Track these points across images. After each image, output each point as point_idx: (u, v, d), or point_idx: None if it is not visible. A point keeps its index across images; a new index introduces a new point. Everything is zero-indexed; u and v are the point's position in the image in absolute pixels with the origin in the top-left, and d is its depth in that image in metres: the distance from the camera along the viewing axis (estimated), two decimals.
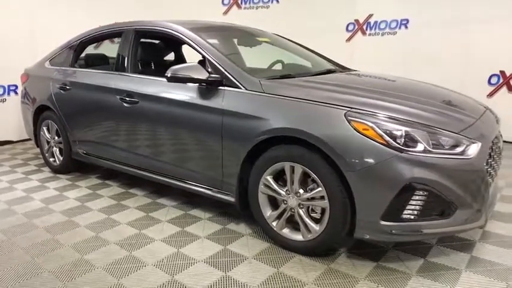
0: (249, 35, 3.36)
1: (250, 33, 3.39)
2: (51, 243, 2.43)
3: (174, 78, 2.41)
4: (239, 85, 2.36)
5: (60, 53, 3.72)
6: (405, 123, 1.93)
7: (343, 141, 1.94)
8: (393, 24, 5.58)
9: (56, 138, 3.71)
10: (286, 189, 2.22)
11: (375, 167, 1.88)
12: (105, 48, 4.36)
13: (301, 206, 2.18)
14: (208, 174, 2.55)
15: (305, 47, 3.56)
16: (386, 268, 2.09)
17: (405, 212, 1.91)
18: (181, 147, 2.65)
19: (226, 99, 2.37)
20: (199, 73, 2.41)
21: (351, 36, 5.88)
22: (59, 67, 3.64)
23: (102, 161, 3.33)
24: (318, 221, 2.14)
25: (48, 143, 3.82)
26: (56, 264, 2.18)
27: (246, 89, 2.33)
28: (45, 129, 3.80)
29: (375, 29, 5.73)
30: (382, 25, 5.66)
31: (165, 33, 2.86)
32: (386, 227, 1.93)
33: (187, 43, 2.70)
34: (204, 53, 2.56)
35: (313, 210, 2.17)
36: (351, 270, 2.07)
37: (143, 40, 3.41)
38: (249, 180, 2.35)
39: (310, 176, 2.10)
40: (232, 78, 2.39)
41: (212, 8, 6.23)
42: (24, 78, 4.04)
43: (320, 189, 2.06)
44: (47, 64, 3.80)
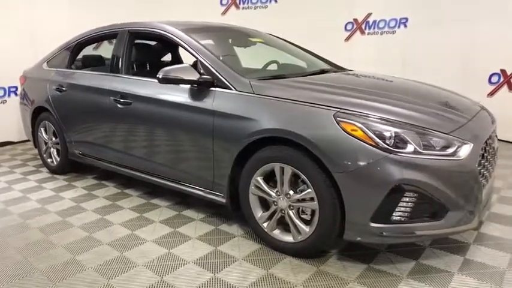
0: (243, 36, 3.35)
1: (244, 33, 3.38)
2: (44, 244, 2.44)
3: (165, 80, 2.41)
4: (230, 86, 2.35)
5: (58, 54, 3.74)
6: (395, 124, 1.91)
7: (332, 142, 1.93)
8: (392, 23, 5.54)
9: (53, 139, 3.73)
10: (276, 190, 2.21)
11: (363, 169, 1.86)
12: (104, 50, 4.38)
13: (291, 207, 2.17)
14: (200, 175, 2.54)
15: (300, 47, 3.54)
16: (377, 270, 2.07)
17: (395, 213, 1.89)
18: (174, 148, 2.65)
19: (217, 100, 2.36)
20: (190, 74, 2.40)
21: (349, 36, 5.85)
22: (56, 68, 3.66)
23: (97, 161, 3.34)
24: (308, 223, 2.13)
25: (45, 143, 3.84)
26: (47, 265, 2.19)
27: (236, 90, 2.33)
28: (42, 130, 3.82)
29: (374, 28, 5.69)
30: (381, 24, 5.62)
31: (158, 34, 2.86)
32: (376, 229, 1.91)
33: (179, 44, 2.70)
34: (195, 54, 2.56)
35: (303, 211, 2.16)
36: (340, 272, 2.05)
37: (138, 41, 3.43)
38: (239, 182, 2.34)
39: (300, 177, 2.09)
40: (222, 79, 2.39)
41: (210, 8, 6.22)
42: (22, 79, 4.07)
43: (309, 191, 2.05)
44: (45, 66, 3.82)
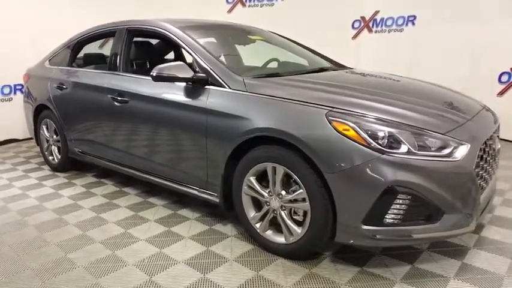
0: (242, 33, 3.31)
1: (243, 31, 3.34)
2: (38, 241, 2.44)
3: (159, 78, 2.38)
4: (223, 84, 2.32)
5: (59, 52, 3.76)
6: (389, 124, 1.85)
7: (323, 142, 1.88)
8: (400, 21, 5.43)
9: (54, 137, 3.75)
10: (268, 190, 2.17)
11: (355, 169, 1.80)
12: (109, 48, 4.38)
13: (284, 208, 2.12)
14: (195, 174, 2.51)
15: (301, 45, 3.49)
16: (371, 274, 2.01)
17: (388, 216, 1.83)
18: (169, 147, 2.62)
19: (211, 98, 2.33)
20: (184, 72, 2.37)
21: (356, 34, 5.75)
22: (57, 66, 3.68)
23: (96, 159, 3.34)
24: (300, 224, 2.08)
25: (47, 141, 3.87)
26: (39, 262, 2.19)
27: (230, 88, 2.29)
28: (44, 128, 3.85)
29: (382, 26, 5.59)
30: (389, 22, 5.52)
31: (154, 31, 2.84)
32: (369, 231, 1.85)
33: (175, 41, 2.67)
34: (190, 51, 2.53)
35: (295, 212, 2.12)
36: (332, 275, 2.00)
37: (138, 39, 3.42)
38: (232, 181, 2.31)
39: (292, 177, 2.04)
40: (216, 76, 2.35)
41: (216, 6, 6.19)
42: (26, 77, 4.10)
43: (301, 191, 2.00)
44: (47, 64, 3.84)
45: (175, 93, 2.51)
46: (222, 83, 2.32)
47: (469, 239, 2.32)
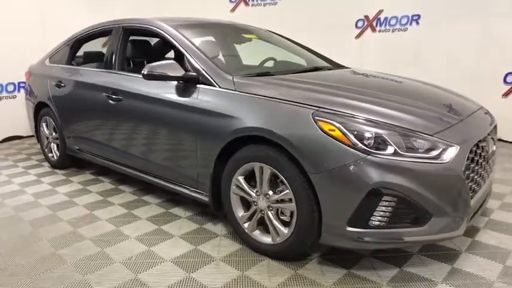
0: (237, 32, 3.30)
1: (239, 29, 3.32)
2: (29, 237, 2.47)
3: (150, 76, 2.38)
4: (213, 82, 2.31)
5: (59, 50, 3.79)
6: (376, 125, 1.81)
7: (309, 142, 1.86)
8: (404, 20, 5.36)
9: (53, 134, 3.78)
10: (256, 190, 2.15)
11: (340, 170, 1.78)
12: None
13: (271, 208, 2.11)
14: (185, 172, 2.51)
15: (298, 44, 3.46)
16: (357, 276, 1.98)
17: (374, 218, 1.80)
18: (161, 145, 2.63)
19: (201, 97, 2.33)
20: (175, 71, 2.37)
21: (360, 33, 5.70)
22: (57, 64, 3.71)
23: (92, 157, 3.36)
24: (287, 224, 2.06)
25: (47, 138, 3.90)
26: (29, 258, 2.21)
27: (219, 87, 2.28)
28: (44, 125, 3.89)
29: (385, 25, 5.52)
30: (393, 21, 5.45)
31: (149, 30, 2.84)
32: (354, 233, 1.82)
33: (167, 39, 2.67)
34: (182, 49, 2.54)
35: (282, 213, 2.10)
36: (318, 277, 1.98)
37: (136, 38, 3.42)
38: (221, 181, 2.30)
39: (279, 177, 2.02)
40: (206, 75, 2.35)
41: (219, 5, 6.18)
42: (27, 75, 4.15)
43: (287, 192, 1.98)
44: (47, 62, 3.88)
45: (167, 92, 2.51)
46: (212, 81, 2.32)
47: (461, 242, 2.27)
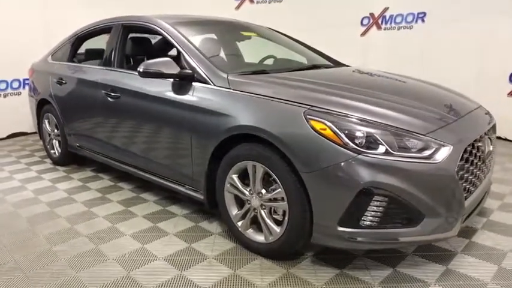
0: (238, 30, 3.28)
1: (238, 27, 3.31)
2: (26, 233, 2.49)
3: (146, 73, 2.38)
4: (208, 80, 2.31)
5: (61, 48, 3.82)
6: (367, 124, 1.79)
7: (300, 141, 1.84)
8: (409, 18, 5.30)
9: (55, 131, 3.82)
10: (249, 189, 2.15)
11: (330, 169, 1.76)
12: None
13: (263, 206, 2.10)
14: (181, 170, 2.51)
15: (299, 41, 3.44)
16: (349, 276, 1.97)
17: (364, 218, 1.78)
18: (157, 143, 2.63)
19: (196, 95, 2.32)
20: (171, 68, 2.37)
21: (365, 31, 5.65)
22: (58, 62, 3.74)
23: (92, 154, 3.39)
24: (280, 223, 2.06)
25: (49, 135, 3.94)
26: (24, 254, 2.23)
27: (214, 85, 2.28)
28: (46, 122, 3.92)
29: (391, 23, 5.47)
30: (398, 19, 5.39)
31: (147, 27, 2.84)
32: (344, 233, 1.81)
33: (165, 37, 2.68)
34: (178, 47, 2.54)
35: (275, 211, 2.09)
36: (310, 277, 1.97)
37: (135, 35, 3.43)
38: (216, 179, 2.30)
39: (272, 176, 2.01)
40: (201, 73, 2.34)
41: (224, 2, 6.17)
42: (31, 72, 4.19)
43: (280, 190, 1.97)
44: (49, 59, 3.92)
45: (163, 90, 2.51)
46: (207, 79, 2.31)
47: (457, 243, 2.24)
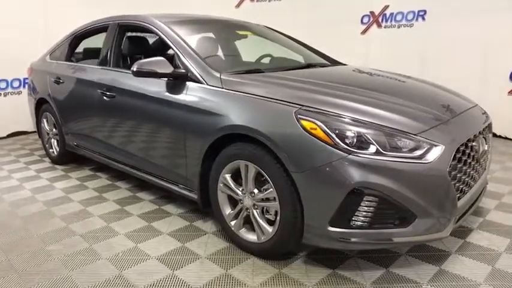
0: (235, 28, 3.27)
1: (233, 26, 3.30)
2: (21, 233, 2.50)
3: (139, 73, 2.38)
4: (201, 80, 2.30)
5: (59, 47, 3.83)
6: (358, 124, 1.78)
7: (291, 141, 1.83)
8: (410, 16, 5.26)
9: (53, 130, 3.83)
10: (242, 188, 2.14)
11: (320, 169, 1.75)
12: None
13: (256, 206, 2.09)
14: (175, 170, 2.51)
15: (296, 40, 3.42)
16: (341, 277, 1.96)
17: (355, 218, 1.77)
18: (152, 143, 2.63)
19: (189, 94, 2.32)
20: (164, 67, 2.36)
21: (366, 29, 5.62)
22: (56, 61, 3.75)
23: (89, 153, 3.40)
24: (272, 223, 2.05)
25: (47, 134, 3.96)
26: (17, 253, 2.24)
27: (207, 84, 2.27)
28: (45, 121, 3.94)
29: (391, 21, 5.43)
30: (399, 17, 5.36)
31: (142, 26, 2.84)
32: (335, 233, 1.80)
33: (159, 36, 2.67)
34: (172, 46, 2.53)
35: (267, 211, 2.08)
36: (301, 277, 1.96)
37: (132, 35, 3.43)
38: (209, 178, 2.29)
39: (264, 176, 2.01)
40: (195, 72, 2.34)
41: (224, 1, 6.17)
42: (29, 71, 4.21)
43: (271, 190, 1.97)
44: (48, 58, 3.93)
45: (158, 89, 2.51)
46: (200, 78, 2.31)
47: (452, 243, 2.22)
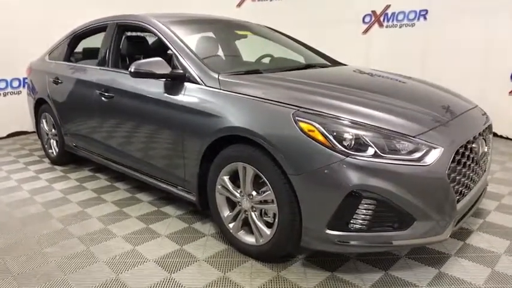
0: (232, 28, 3.25)
1: (233, 26, 3.28)
2: (18, 235, 2.49)
3: (137, 74, 2.36)
4: (199, 80, 2.28)
5: (58, 47, 3.82)
6: (356, 126, 1.76)
7: (289, 143, 1.81)
8: (411, 16, 5.24)
9: (52, 130, 3.82)
10: (240, 190, 2.12)
11: (318, 172, 1.73)
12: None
13: (254, 208, 2.08)
14: (173, 171, 2.50)
15: (296, 40, 3.40)
16: (339, 280, 1.94)
17: (353, 221, 1.75)
18: (150, 144, 2.61)
19: (187, 95, 2.30)
20: (162, 68, 2.34)
21: (367, 29, 5.59)
22: (55, 61, 3.74)
23: (88, 154, 3.38)
24: (270, 225, 2.03)
25: (47, 135, 3.95)
26: (14, 256, 2.22)
27: (205, 85, 2.25)
28: (44, 121, 3.93)
29: (393, 20, 5.41)
30: (400, 16, 5.33)
31: (140, 26, 2.82)
32: (333, 236, 1.78)
33: (158, 36, 2.65)
34: (170, 46, 2.51)
35: (266, 213, 2.07)
36: (299, 280, 1.94)
37: (131, 35, 3.41)
38: (207, 180, 2.28)
39: (262, 178, 1.99)
40: (193, 73, 2.32)
41: (225, 0, 6.14)
42: (28, 71, 4.19)
43: (269, 193, 1.95)
44: (47, 58, 3.91)
45: (156, 90, 2.49)
46: (198, 79, 2.29)
47: (452, 246, 2.20)
